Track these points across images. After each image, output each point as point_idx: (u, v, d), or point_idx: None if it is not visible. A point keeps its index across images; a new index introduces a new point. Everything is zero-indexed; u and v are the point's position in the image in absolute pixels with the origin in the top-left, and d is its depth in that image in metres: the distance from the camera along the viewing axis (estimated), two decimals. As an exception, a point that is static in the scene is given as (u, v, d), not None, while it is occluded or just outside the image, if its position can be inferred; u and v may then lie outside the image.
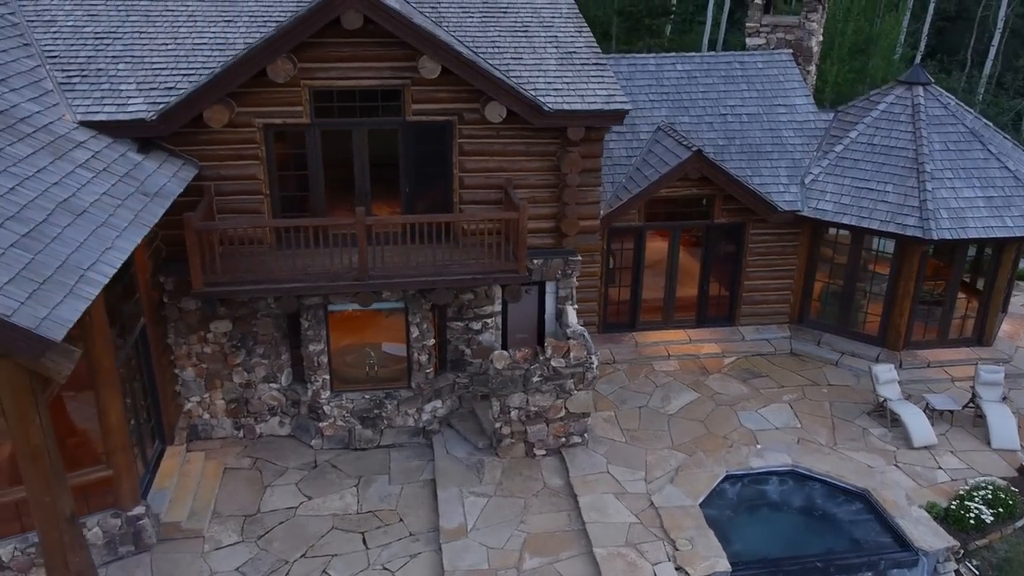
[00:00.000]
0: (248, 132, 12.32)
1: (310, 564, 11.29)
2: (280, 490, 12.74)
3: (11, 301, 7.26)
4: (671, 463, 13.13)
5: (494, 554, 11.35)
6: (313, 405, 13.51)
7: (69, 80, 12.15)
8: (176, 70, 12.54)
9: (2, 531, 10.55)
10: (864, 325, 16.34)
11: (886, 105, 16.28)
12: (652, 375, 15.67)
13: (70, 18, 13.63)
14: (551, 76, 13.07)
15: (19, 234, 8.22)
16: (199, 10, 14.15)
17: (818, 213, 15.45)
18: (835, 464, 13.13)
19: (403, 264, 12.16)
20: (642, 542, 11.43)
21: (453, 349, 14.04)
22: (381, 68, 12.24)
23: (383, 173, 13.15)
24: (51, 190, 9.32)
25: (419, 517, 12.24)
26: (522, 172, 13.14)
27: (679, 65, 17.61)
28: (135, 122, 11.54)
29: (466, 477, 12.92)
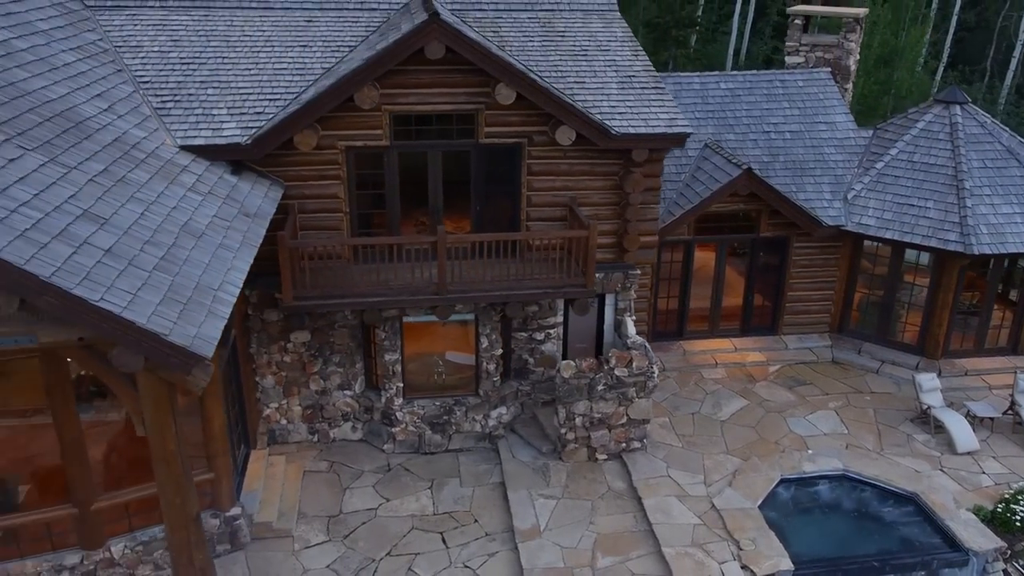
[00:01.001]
0: (331, 154, 13.05)
1: (396, 562, 12.01)
2: (359, 492, 13.47)
3: (166, 321, 7.99)
4: (728, 467, 13.82)
5: (568, 553, 12.06)
6: (386, 411, 14.23)
7: (164, 105, 12.89)
8: (262, 95, 13.28)
9: (113, 530, 11.29)
10: (903, 334, 17.02)
11: (925, 123, 16.96)
12: (701, 382, 16.36)
13: (155, 44, 14.37)
14: (614, 100, 13.77)
15: (157, 257, 8.95)
16: (275, 35, 14.88)
17: (861, 228, 16.14)
18: (884, 469, 13.81)
19: (479, 278, 12.87)
20: (707, 542, 12.12)
21: (517, 358, 14.75)
22: (457, 94, 12.96)
23: (454, 191, 13.87)
24: (172, 214, 10.06)
25: (493, 518, 12.95)
26: (586, 191, 13.84)
27: (723, 84, 18.31)
28: (231, 146, 12.28)
29: (534, 480, 13.64)
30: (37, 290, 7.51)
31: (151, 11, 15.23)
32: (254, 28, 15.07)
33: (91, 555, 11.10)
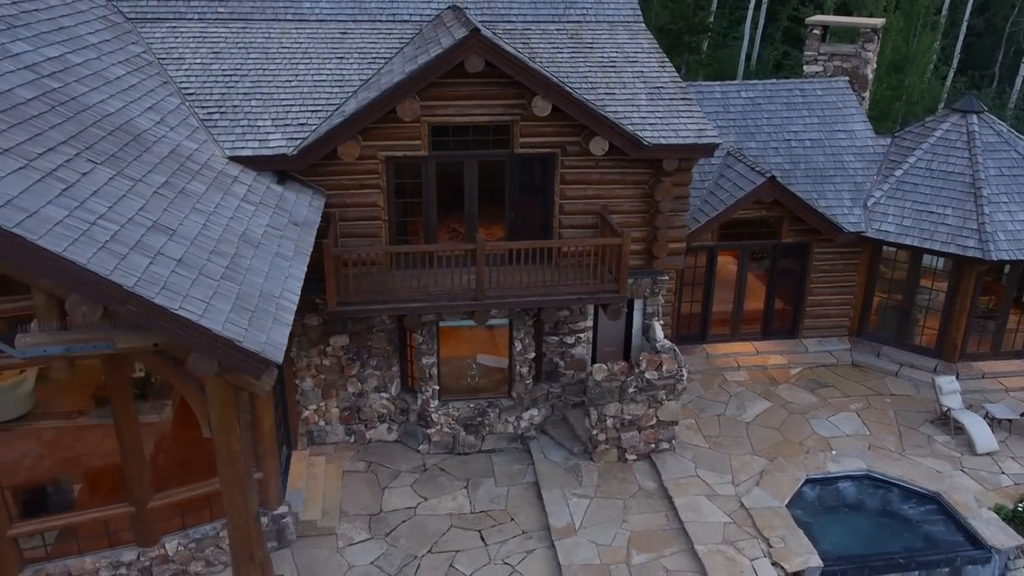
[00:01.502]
0: (372, 164, 13.47)
1: (437, 559, 12.43)
2: (397, 491, 13.89)
3: (238, 328, 8.40)
4: (754, 467, 14.23)
5: (603, 551, 12.48)
6: (422, 413, 14.65)
7: (210, 117, 13.32)
8: (304, 106, 13.70)
9: (168, 528, 11.72)
10: (921, 338, 17.42)
11: (942, 132, 17.37)
12: (725, 385, 16.77)
13: (197, 55, 14.79)
14: (644, 111, 14.18)
15: (223, 266, 9.37)
16: (312, 47, 15.30)
17: (881, 234, 16.54)
18: (906, 469, 14.22)
19: (516, 284, 13.29)
20: (738, 540, 12.54)
21: (548, 361, 15.17)
22: (494, 106, 13.38)
23: (488, 199, 14.29)
24: (231, 224, 10.48)
25: (528, 516, 13.37)
26: (617, 199, 14.26)
27: (743, 92, 18.73)
28: (277, 157, 12.71)
29: (566, 480, 14.05)
30: (121, 299, 7.93)
31: (191, 23, 15.66)
32: (291, 40, 15.49)
33: (147, 552, 11.54)
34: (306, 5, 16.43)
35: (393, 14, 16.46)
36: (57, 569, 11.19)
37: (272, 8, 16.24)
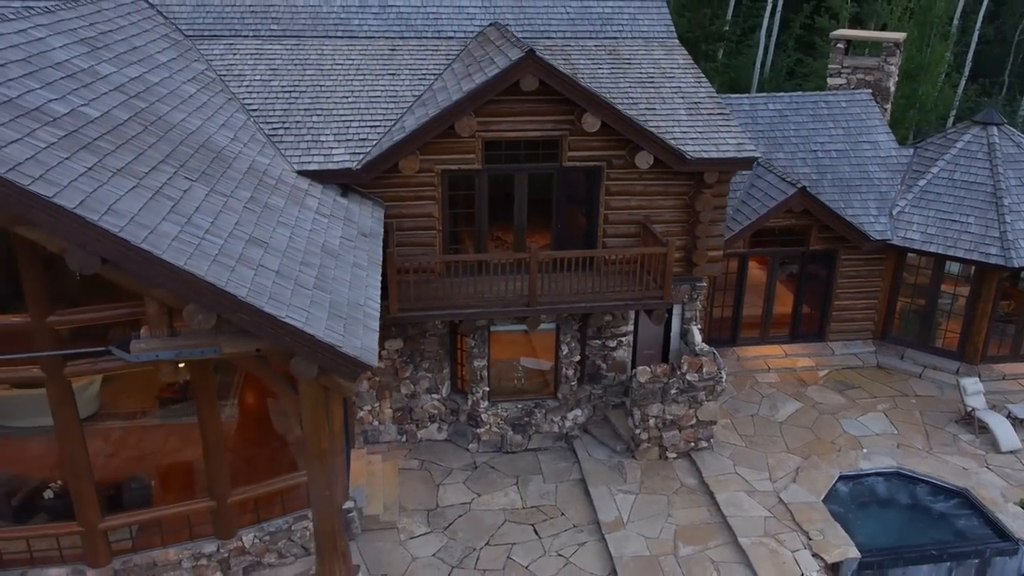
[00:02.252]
0: (428, 176, 14.18)
1: (495, 551, 13.14)
2: (451, 488, 14.60)
3: (336, 335, 9.12)
4: (790, 465, 14.94)
5: (651, 543, 13.19)
6: (472, 413, 15.37)
7: (276, 132, 14.04)
8: (363, 122, 14.42)
9: (244, 522, 12.43)
10: (943, 341, 18.12)
11: (963, 143, 18.09)
12: (756, 386, 17.48)
13: (256, 72, 15.51)
14: (684, 126, 14.90)
15: (313, 276, 10.09)
16: (364, 64, 16.01)
17: (907, 242, 17.26)
18: (934, 466, 14.93)
19: (565, 291, 14.01)
20: (779, 533, 13.24)
21: (591, 364, 15.88)
22: (545, 121, 14.10)
23: (535, 209, 15.01)
24: (311, 236, 11.20)
25: (577, 511, 14.08)
26: (658, 209, 14.97)
27: (771, 105, 19.45)
28: (343, 171, 13.43)
29: (611, 477, 14.77)
30: (234, 308, 8.65)
31: (247, 40, 16.38)
32: (344, 57, 16.21)
33: (225, 544, 12.25)
34: (355, 22, 17.15)
35: (438, 31, 17.18)
36: (143, 560, 11.91)
37: (323, 25, 16.96)
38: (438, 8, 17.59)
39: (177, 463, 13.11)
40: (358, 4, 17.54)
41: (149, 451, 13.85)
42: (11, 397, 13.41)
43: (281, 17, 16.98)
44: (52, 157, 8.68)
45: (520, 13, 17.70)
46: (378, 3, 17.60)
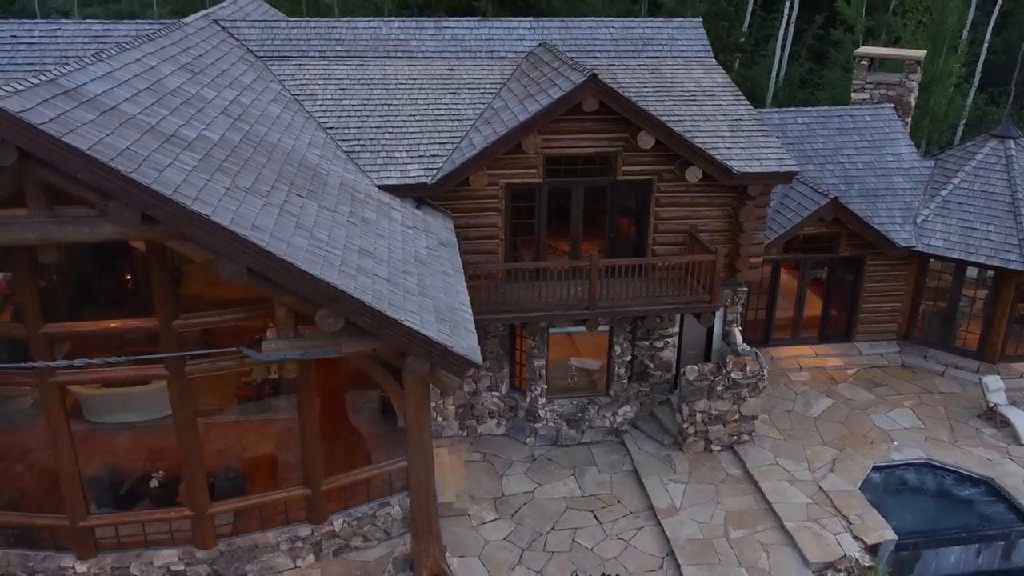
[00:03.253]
0: (493, 190, 15.31)
1: (560, 535, 14.28)
2: (514, 478, 15.74)
3: (445, 336, 10.25)
4: (826, 456, 16.08)
5: (704, 527, 14.33)
6: (530, 409, 16.51)
7: (353, 149, 15.17)
8: (431, 139, 15.55)
9: (335, 507, 13.54)
10: (964, 341, 19.28)
11: (983, 156, 19.26)
12: (790, 384, 18.62)
13: (327, 92, 16.64)
14: (728, 142, 16.04)
15: (415, 283, 11.22)
16: (426, 84, 17.14)
17: (931, 249, 18.43)
18: (960, 457, 16.08)
19: (620, 295, 15.16)
20: (821, 518, 14.38)
21: (639, 363, 17.02)
22: (601, 138, 15.23)
23: (590, 219, 16.15)
24: (404, 246, 12.34)
25: (632, 499, 15.22)
26: (704, 219, 16.10)
27: (799, 119, 20.62)
28: (419, 185, 14.57)
29: (661, 468, 15.91)
30: (360, 312, 9.78)
31: (314, 61, 17.50)
32: (406, 76, 17.34)
33: (318, 528, 13.35)
34: (413, 43, 18.29)
35: (491, 51, 18.31)
36: (245, 543, 13.02)
37: (384, 46, 18.10)
38: (490, 29, 18.74)
39: (256, 456, 14.27)
40: (415, 26, 18.71)
41: (230, 445, 15.00)
42: (112, 395, 14.56)
43: (344, 38, 18.11)
44: (198, 179, 9.82)
45: (567, 34, 18.84)
46: (433, 25, 18.76)
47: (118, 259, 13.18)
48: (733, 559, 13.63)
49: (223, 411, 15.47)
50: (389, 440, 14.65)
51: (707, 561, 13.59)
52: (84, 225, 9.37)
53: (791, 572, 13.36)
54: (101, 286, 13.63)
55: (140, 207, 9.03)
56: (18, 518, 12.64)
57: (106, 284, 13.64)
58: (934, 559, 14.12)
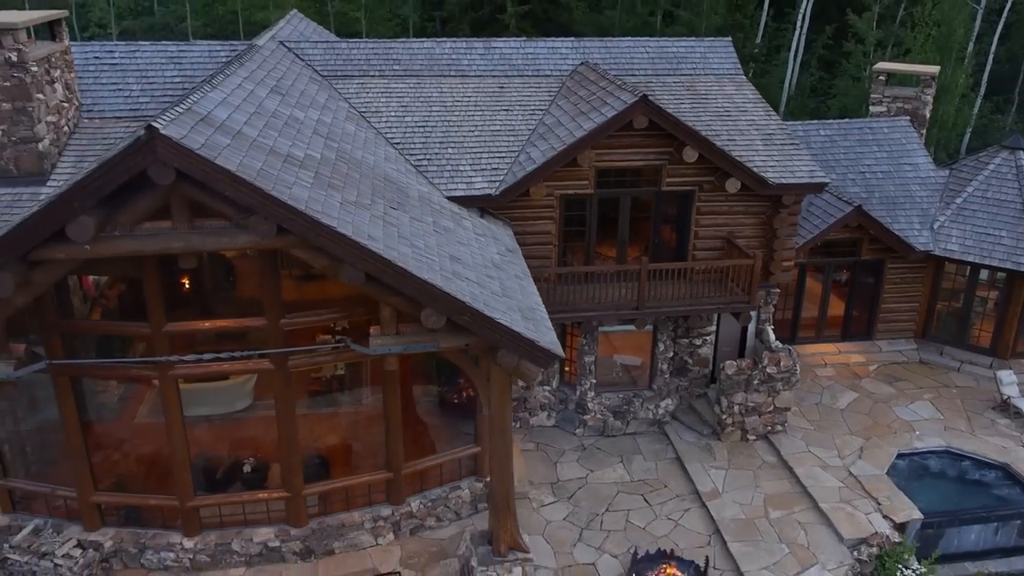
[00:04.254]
0: (548, 200, 16.64)
1: (615, 516, 15.62)
2: (567, 465, 17.08)
3: (532, 332, 11.58)
4: (854, 445, 17.43)
5: (745, 508, 15.67)
6: (580, 402, 17.85)
7: (420, 163, 16.51)
8: (491, 153, 16.90)
9: (412, 490, 14.87)
10: (977, 339, 20.64)
11: (994, 166, 20.64)
12: (816, 379, 19.97)
13: (390, 109, 17.98)
14: (763, 155, 17.39)
15: (498, 286, 12.56)
16: (480, 101, 18.49)
17: (947, 253, 19.79)
18: (978, 445, 17.43)
19: (666, 296, 16.51)
20: (852, 500, 15.72)
21: (678, 359, 18.37)
22: (648, 152, 16.58)
23: (634, 226, 17.50)
24: (480, 252, 13.68)
25: (678, 484, 16.55)
26: (740, 226, 17.46)
27: (822, 131, 21.99)
28: (483, 196, 15.91)
29: (702, 455, 17.25)
30: (461, 311, 11.12)
31: (375, 80, 18.84)
32: (461, 94, 18.69)
33: (398, 509, 14.69)
34: (464, 62, 19.64)
35: (537, 69, 19.67)
36: (334, 522, 14.35)
37: (438, 65, 19.44)
38: (535, 49, 20.10)
39: (333, 444, 15.59)
40: (465, 46, 20.07)
41: (306, 435, 16.28)
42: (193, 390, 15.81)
43: (401, 58, 19.46)
44: (317, 195, 11.16)
45: (606, 53, 20.21)
46: (483, 45, 20.12)
47: (230, 266, 14.57)
48: (774, 536, 14.97)
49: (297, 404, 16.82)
50: (447, 431, 16.10)
51: (750, 538, 14.93)
52: (223, 236, 10.72)
53: (828, 547, 14.70)
54: (213, 290, 15.00)
55: (277, 220, 10.38)
56: (132, 499, 14.00)
57: (218, 289, 15.01)
58: (956, 536, 15.43)
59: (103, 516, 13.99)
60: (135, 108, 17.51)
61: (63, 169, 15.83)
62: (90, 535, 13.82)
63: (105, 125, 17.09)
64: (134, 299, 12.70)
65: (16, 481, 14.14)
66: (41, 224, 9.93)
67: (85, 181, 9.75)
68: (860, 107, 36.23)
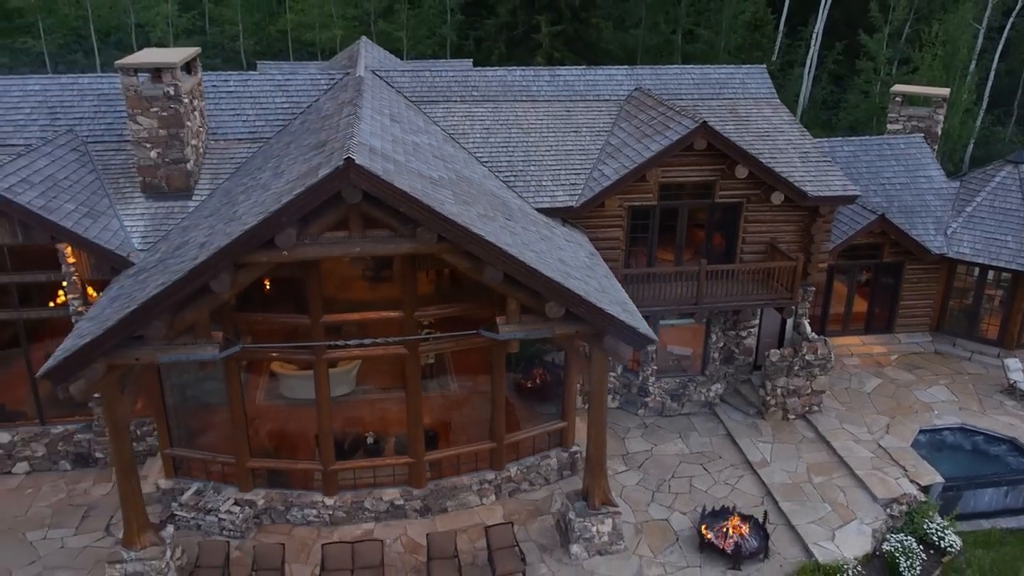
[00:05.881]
0: (618, 210, 19.28)
1: (680, 481, 18.24)
2: (633, 440, 19.71)
3: (631, 321, 14.19)
4: (881, 422, 20.07)
5: (791, 475, 18.29)
6: (642, 386, 20.49)
7: (508, 180, 19.14)
8: (568, 170, 19.53)
9: (509, 458, 17.47)
10: (986, 332, 23.31)
11: (1000, 179, 23.33)
12: (844, 367, 22.62)
13: (474, 131, 20.60)
14: (801, 171, 20.03)
15: (596, 283, 15.17)
16: (551, 123, 21.12)
17: (959, 255, 22.47)
18: (989, 423, 20.08)
19: (719, 293, 19.16)
20: (883, 467, 18.34)
21: (726, 349, 21.01)
22: (704, 169, 19.21)
23: (689, 232, 20.13)
24: (574, 256, 16.29)
25: (731, 455, 19.18)
26: (781, 233, 20.11)
27: (846, 147, 24.67)
28: (566, 208, 18.55)
29: (750, 432, 19.88)
30: (578, 303, 13.73)
31: (458, 105, 21.48)
32: (534, 118, 21.34)
33: (499, 474, 17.30)
34: (533, 88, 22.29)
35: (597, 95, 22.32)
36: (448, 484, 16.94)
37: (511, 91, 22.09)
38: (594, 76, 22.76)
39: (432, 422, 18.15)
40: (533, 74, 22.73)
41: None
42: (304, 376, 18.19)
43: (479, 85, 22.11)
44: (460, 209, 13.78)
45: (656, 79, 22.88)
46: (548, 73, 22.78)
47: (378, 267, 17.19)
48: (818, 497, 17.60)
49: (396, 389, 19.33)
50: (525, 411, 18.68)
51: (798, 499, 17.56)
52: (390, 243, 13.35)
53: (864, 506, 17.33)
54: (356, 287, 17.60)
55: (438, 230, 13.01)
56: (282, 464, 16.61)
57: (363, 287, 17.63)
58: (972, 497, 18.05)
59: (255, 479, 16.56)
60: (253, 131, 20.19)
61: (203, 186, 18.48)
62: (245, 495, 16.40)
63: (229, 146, 19.75)
64: (295, 295, 15.26)
65: (181, 450, 16.72)
66: (256, 235, 12.54)
67: (294, 201, 12.36)
68: (870, 120, 39.06)
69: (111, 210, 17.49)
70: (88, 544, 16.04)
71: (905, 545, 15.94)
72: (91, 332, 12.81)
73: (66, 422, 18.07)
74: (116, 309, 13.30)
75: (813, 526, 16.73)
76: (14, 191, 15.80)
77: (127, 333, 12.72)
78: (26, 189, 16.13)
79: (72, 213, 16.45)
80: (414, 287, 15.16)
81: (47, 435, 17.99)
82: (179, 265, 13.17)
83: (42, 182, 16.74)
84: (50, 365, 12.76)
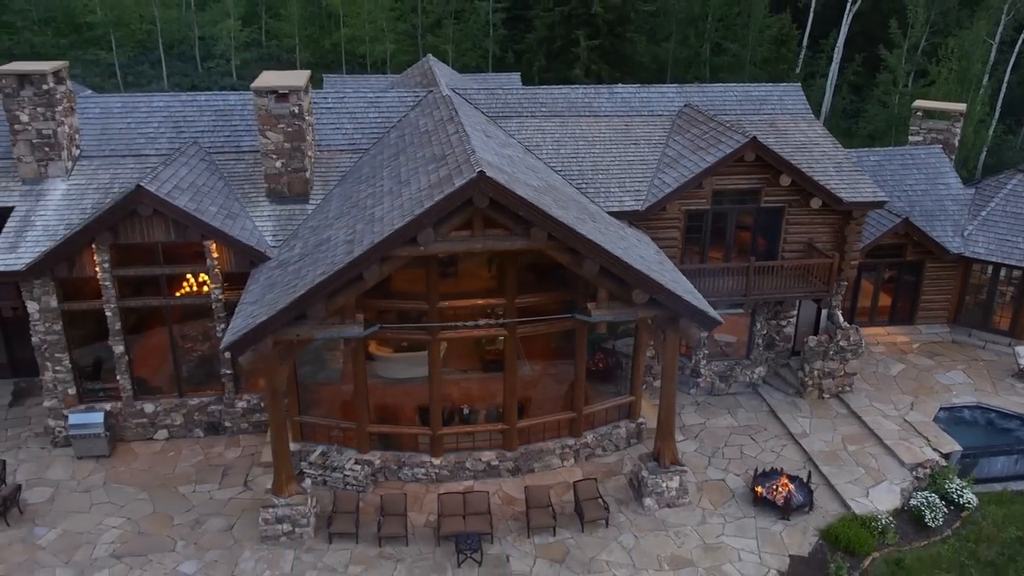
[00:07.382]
0: (675, 214, 22.07)
1: (731, 449, 21.00)
2: (687, 414, 22.47)
3: (702, 306, 16.94)
4: (906, 401, 22.79)
5: (828, 444, 21.03)
6: (695, 368, 23.26)
7: (580, 186, 21.93)
8: (631, 179, 22.31)
9: (586, 426, 20.24)
10: (998, 323, 26.00)
11: (1012, 186, 26.02)
12: (871, 354, 25.33)
13: (546, 143, 23.38)
14: (835, 179, 22.76)
15: (668, 275, 17.92)
16: (612, 137, 23.89)
17: (975, 255, 25.18)
18: (1002, 401, 22.78)
19: (763, 286, 21.92)
20: (908, 438, 21.06)
21: (767, 336, 23.76)
22: (751, 178, 21.97)
23: (736, 233, 22.90)
24: (647, 253, 19.06)
25: (774, 428, 21.92)
26: (818, 233, 22.84)
27: (872, 157, 27.41)
28: (632, 211, 21.34)
29: (790, 409, 22.62)
30: (660, 291, 16.51)
31: (530, 120, 24.27)
32: (596, 131, 24.12)
33: (578, 440, 20.08)
34: (595, 104, 25.08)
35: (651, 110, 25.10)
36: (534, 448, 19.73)
37: (575, 107, 24.88)
38: (648, 93, 25.53)
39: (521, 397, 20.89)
40: (594, 91, 25.52)
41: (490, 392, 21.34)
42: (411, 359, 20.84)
43: (546, 102, 24.91)
44: (562, 213, 16.57)
45: (703, 96, 25.65)
46: (607, 90, 25.57)
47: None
48: (852, 462, 20.34)
49: (473, 370, 22.04)
50: (591, 388, 21.27)
51: (835, 464, 20.30)
52: (506, 240, 16.17)
53: (893, 469, 20.07)
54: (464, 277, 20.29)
55: (549, 230, 15.82)
56: (398, 429, 19.42)
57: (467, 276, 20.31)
58: (987, 464, 20.72)
59: (371, 442, 19.39)
60: (352, 143, 23.05)
61: (317, 191, 21.35)
62: (364, 455, 19.23)
63: (333, 156, 22.62)
64: (414, 284, 18.09)
65: (309, 416, 19.56)
66: (403, 234, 15.36)
67: (435, 206, 15.18)
68: (888, 129, 41.73)
69: (243, 212, 20.37)
70: (232, 496, 18.88)
71: (929, 501, 18.66)
72: (264, 313, 15.65)
73: (201, 395, 20.92)
74: (278, 294, 16.14)
75: (850, 485, 19.48)
76: (172, 195, 18.68)
77: (295, 314, 15.55)
78: (180, 194, 19.02)
79: (216, 215, 19.33)
80: (515, 278, 17.95)
81: (184, 406, 20.85)
82: (333, 258, 16.00)
83: (189, 187, 19.64)
84: (231, 339, 15.59)
